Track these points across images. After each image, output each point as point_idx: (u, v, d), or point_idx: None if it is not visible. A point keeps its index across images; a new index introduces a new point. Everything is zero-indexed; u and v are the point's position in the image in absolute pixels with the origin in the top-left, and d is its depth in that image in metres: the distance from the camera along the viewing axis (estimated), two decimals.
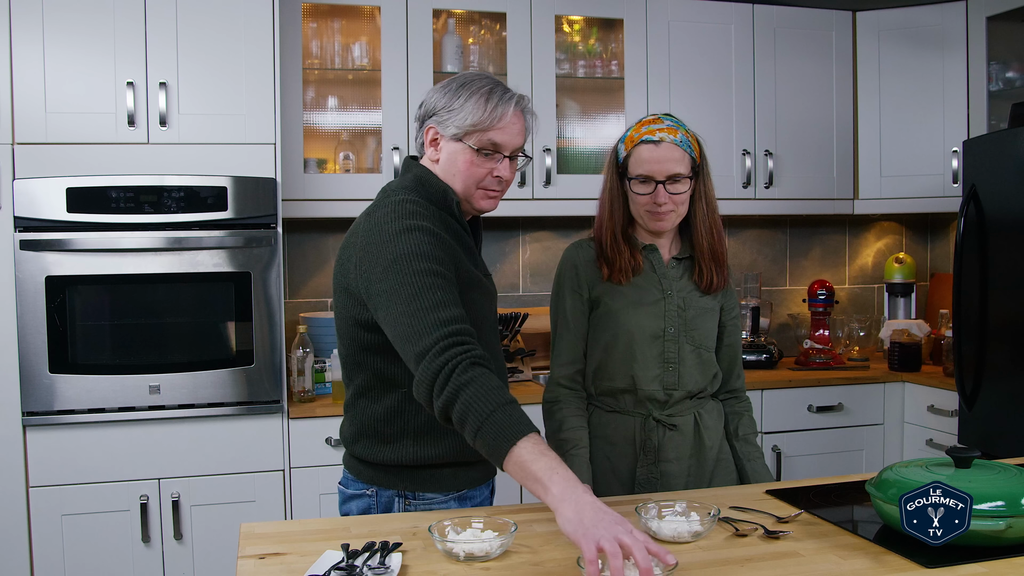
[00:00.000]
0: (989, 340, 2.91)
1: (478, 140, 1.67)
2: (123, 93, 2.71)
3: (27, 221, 2.64)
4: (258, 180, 2.79)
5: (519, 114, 1.70)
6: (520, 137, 1.72)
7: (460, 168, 1.69)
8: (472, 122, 1.66)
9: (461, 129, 1.67)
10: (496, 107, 1.66)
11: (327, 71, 3.28)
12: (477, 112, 1.66)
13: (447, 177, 1.71)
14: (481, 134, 1.67)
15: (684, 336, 1.99)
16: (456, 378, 1.44)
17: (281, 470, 2.82)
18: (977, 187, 2.95)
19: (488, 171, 1.70)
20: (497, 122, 1.67)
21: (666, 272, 2.01)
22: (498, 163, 1.70)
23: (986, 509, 1.34)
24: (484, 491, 1.88)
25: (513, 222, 3.62)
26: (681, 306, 1.99)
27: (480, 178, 1.70)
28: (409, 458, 1.72)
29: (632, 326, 1.97)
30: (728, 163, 3.52)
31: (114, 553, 2.71)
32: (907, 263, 3.85)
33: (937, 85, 3.55)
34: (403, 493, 1.75)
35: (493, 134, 1.67)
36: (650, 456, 1.99)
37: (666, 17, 3.44)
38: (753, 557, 1.40)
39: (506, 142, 1.69)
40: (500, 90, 1.69)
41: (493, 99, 1.67)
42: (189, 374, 2.75)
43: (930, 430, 3.31)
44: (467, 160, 1.69)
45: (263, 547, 1.47)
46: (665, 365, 1.98)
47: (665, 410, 2.00)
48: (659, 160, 1.91)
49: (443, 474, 1.75)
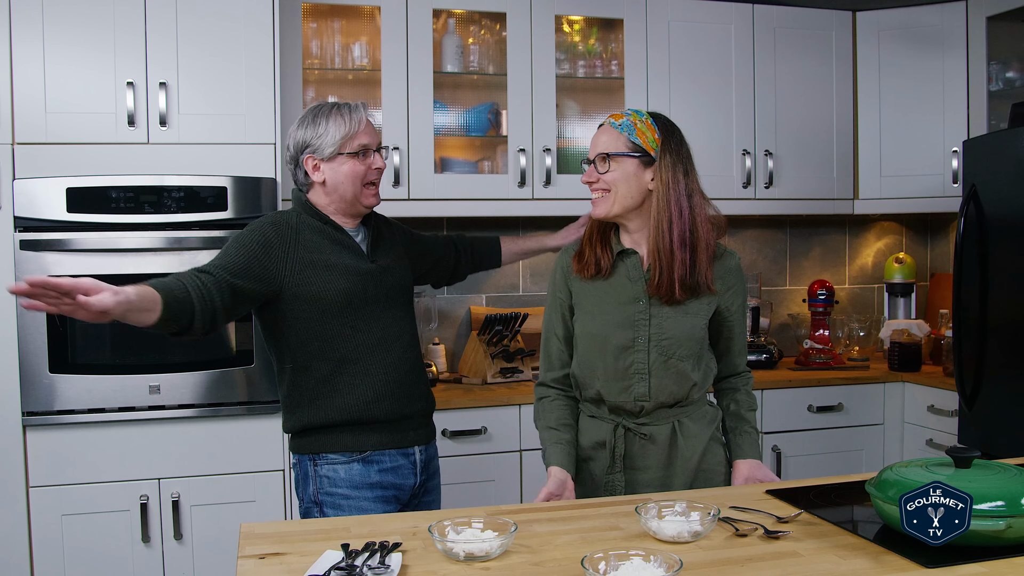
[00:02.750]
0: (989, 340, 2.91)
1: (350, 146, 2.05)
2: (123, 93, 2.71)
3: (27, 221, 2.64)
4: (258, 180, 2.79)
5: (367, 118, 2.09)
6: (377, 135, 2.12)
7: (346, 174, 2.05)
8: (341, 135, 2.04)
9: (335, 146, 2.04)
10: (351, 117, 2.05)
11: (327, 71, 3.27)
12: (341, 127, 2.04)
13: (338, 188, 2.06)
14: (351, 141, 2.05)
15: (655, 346, 1.92)
16: None
17: (281, 470, 2.82)
18: (977, 187, 2.95)
19: (367, 166, 2.07)
20: (358, 127, 2.05)
21: (641, 277, 1.94)
22: (371, 158, 2.08)
23: (986, 509, 1.34)
24: (399, 458, 2.09)
25: (513, 222, 3.62)
26: (653, 313, 1.92)
27: (363, 175, 2.06)
28: (305, 421, 2.06)
29: (598, 333, 1.95)
30: (728, 163, 3.52)
31: (114, 553, 2.71)
32: (907, 263, 3.85)
33: (937, 85, 3.55)
34: (311, 457, 2.07)
35: (360, 138, 2.06)
36: (617, 464, 1.96)
37: (666, 17, 3.44)
38: (753, 557, 1.40)
39: (371, 140, 2.08)
40: (345, 106, 2.06)
41: (345, 112, 2.05)
42: (189, 374, 2.75)
43: (930, 430, 3.31)
44: (350, 166, 2.05)
45: (263, 547, 1.47)
46: (634, 376, 1.93)
47: (637, 419, 1.96)
48: (595, 142, 1.96)
49: (342, 435, 2.05)
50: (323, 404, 2.06)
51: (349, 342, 2.05)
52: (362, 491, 2.06)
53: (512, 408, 3.02)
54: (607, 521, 1.60)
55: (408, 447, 2.13)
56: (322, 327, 2.03)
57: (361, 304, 2.06)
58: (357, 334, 2.05)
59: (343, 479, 2.05)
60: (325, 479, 2.06)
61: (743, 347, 2.10)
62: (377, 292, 2.09)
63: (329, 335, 2.04)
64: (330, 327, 2.04)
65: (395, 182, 3.14)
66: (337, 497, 2.05)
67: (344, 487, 2.05)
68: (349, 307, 2.04)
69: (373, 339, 2.07)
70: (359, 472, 2.06)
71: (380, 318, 2.09)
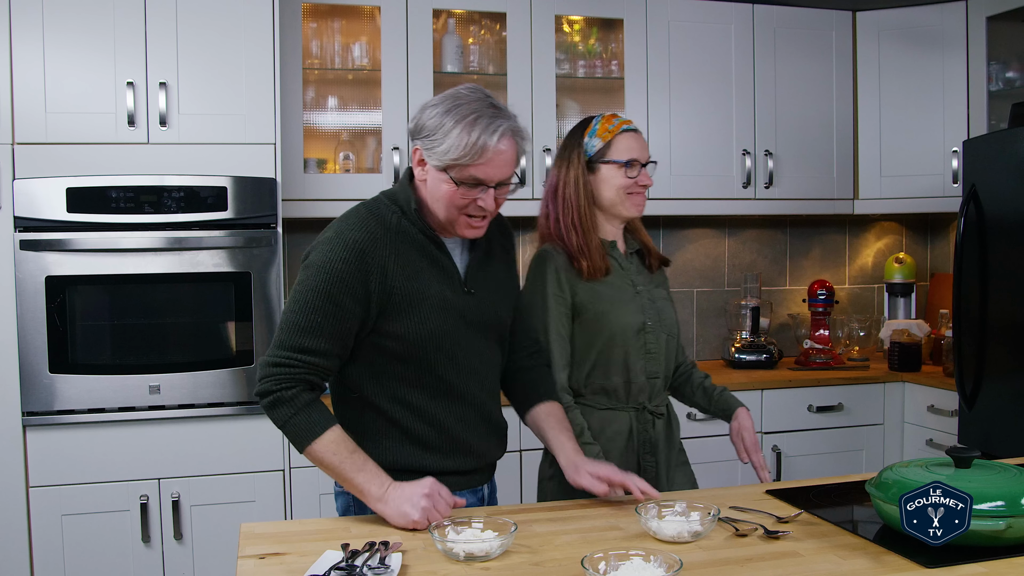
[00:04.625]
0: (989, 340, 2.91)
1: (459, 174, 1.63)
2: (123, 93, 2.71)
3: (27, 221, 2.64)
4: (258, 180, 2.79)
5: (508, 141, 1.63)
6: (506, 168, 1.66)
7: (442, 196, 1.67)
8: (453, 157, 1.61)
9: (442, 162, 1.63)
10: (478, 140, 1.60)
11: (327, 71, 3.27)
12: (459, 147, 1.61)
13: (432, 201, 1.70)
14: (462, 169, 1.63)
15: (660, 326, 2.09)
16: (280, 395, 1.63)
17: (281, 470, 2.82)
18: (977, 187, 2.95)
19: (471, 201, 1.66)
20: (478, 158, 1.61)
21: (629, 267, 2.10)
22: (482, 193, 1.66)
23: (986, 509, 1.34)
24: (468, 496, 1.81)
25: (513, 222, 3.60)
26: (650, 297, 2.10)
27: (462, 207, 1.67)
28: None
29: (622, 323, 2.03)
30: (728, 163, 3.52)
31: (114, 553, 2.71)
32: (907, 263, 3.85)
33: (937, 85, 3.55)
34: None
35: (474, 170, 1.63)
36: (647, 447, 2.06)
37: (666, 17, 3.44)
38: (753, 557, 1.40)
39: (489, 176, 1.64)
40: (486, 118, 1.62)
41: (476, 130, 1.60)
42: (189, 374, 2.75)
43: (930, 430, 3.31)
44: (449, 191, 1.65)
45: (263, 547, 1.47)
46: (648, 356, 2.06)
47: (652, 401, 2.08)
48: (642, 146, 2.07)
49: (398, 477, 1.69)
50: (391, 446, 1.73)
51: (423, 384, 1.72)
52: None
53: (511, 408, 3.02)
54: (607, 521, 1.60)
55: (478, 486, 1.84)
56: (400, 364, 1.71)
57: (444, 342, 1.71)
58: (433, 378, 1.72)
59: None
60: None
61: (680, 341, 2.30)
62: (468, 328, 1.74)
63: (402, 374, 1.71)
64: (409, 366, 1.71)
65: (395, 182, 3.14)
66: None
67: None
68: (432, 343, 1.70)
69: (451, 383, 1.74)
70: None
71: (463, 356, 1.74)
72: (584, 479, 1.70)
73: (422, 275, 1.68)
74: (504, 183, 1.67)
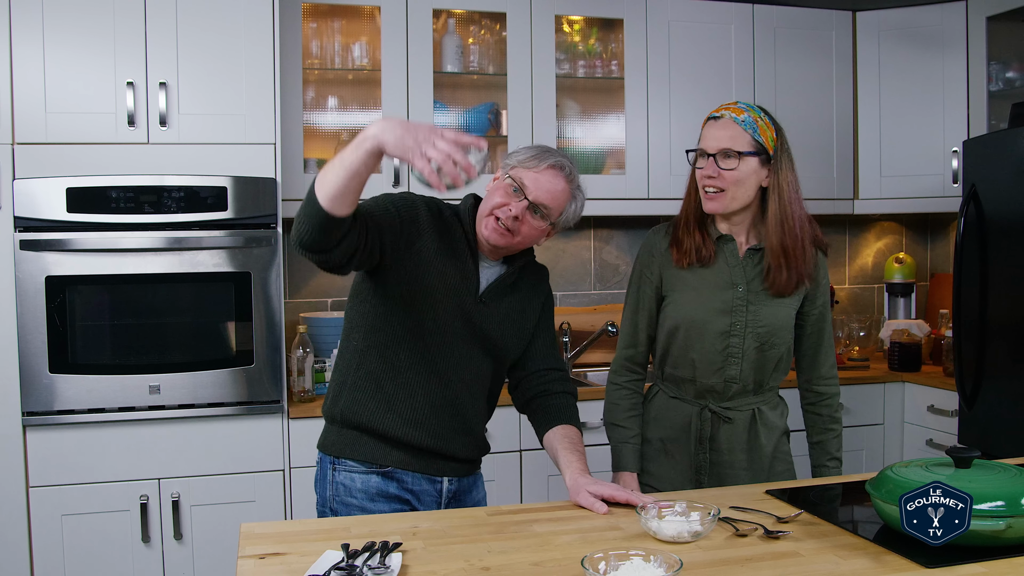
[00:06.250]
0: (989, 340, 2.91)
1: (509, 172, 1.84)
2: (123, 93, 2.71)
3: (27, 221, 2.64)
4: (258, 180, 2.79)
5: (555, 173, 1.83)
6: (549, 194, 1.82)
7: (490, 188, 1.88)
8: (513, 162, 1.85)
9: (505, 168, 1.86)
10: (535, 156, 1.84)
11: (327, 71, 3.27)
12: (522, 153, 1.86)
13: (483, 202, 1.89)
14: (514, 169, 1.84)
15: (750, 331, 1.98)
16: None
17: (281, 470, 2.82)
18: (977, 187, 2.95)
19: (504, 202, 1.82)
20: (530, 163, 1.83)
21: (739, 264, 1.99)
22: (517, 201, 1.82)
23: (986, 509, 1.34)
24: (423, 482, 1.91)
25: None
26: (750, 300, 1.98)
27: (495, 204, 1.83)
28: (340, 409, 1.89)
29: (697, 318, 1.99)
30: None
31: (114, 553, 2.71)
32: (907, 263, 3.85)
33: (937, 85, 3.55)
34: (332, 460, 1.92)
35: (522, 172, 1.82)
36: (704, 445, 2.03)
37: (666, 17, 3.44)
38: (753, 557, 1.40)
39: (530, 186, 1.81)
40: (550, 153, 1.86)
41: (539, 151, 1.86)
42: (189, 374, 2.75)
43: (930, 430, 3.31)
44: (494, 185, 1.87)
45: (263, 547, 1.47)
46: (728, 359, 1.99)
47: (722, 403, 2.02)
48: (715, 135, 1.95)
49: (367, 443, 1.88)
50: (361, 399, 1.88)
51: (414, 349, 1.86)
52: (378, 503, 1.92)
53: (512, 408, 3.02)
54: (607, 521, 1.60)
55: (436, 475, 1.94)
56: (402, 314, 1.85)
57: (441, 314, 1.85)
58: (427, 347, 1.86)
59: (359, 489, 1.91)
60: (341, 486, 1.93)
61: (827, 357, 2.14)
62: (467, 327, 1.87)
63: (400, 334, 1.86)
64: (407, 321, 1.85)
65: (395, 182, 3.14)
66: (352, 508, 1.91)
67: (360, 497, 1.92)
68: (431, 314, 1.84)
69: (437, 364, 1.87)
70: (376, 484, 1.90)
71: (455, 347, 1.88)
72: (583, 499, 1.70)
73: (447, 262, 1.85)
74: (540, 210, 1.82)
